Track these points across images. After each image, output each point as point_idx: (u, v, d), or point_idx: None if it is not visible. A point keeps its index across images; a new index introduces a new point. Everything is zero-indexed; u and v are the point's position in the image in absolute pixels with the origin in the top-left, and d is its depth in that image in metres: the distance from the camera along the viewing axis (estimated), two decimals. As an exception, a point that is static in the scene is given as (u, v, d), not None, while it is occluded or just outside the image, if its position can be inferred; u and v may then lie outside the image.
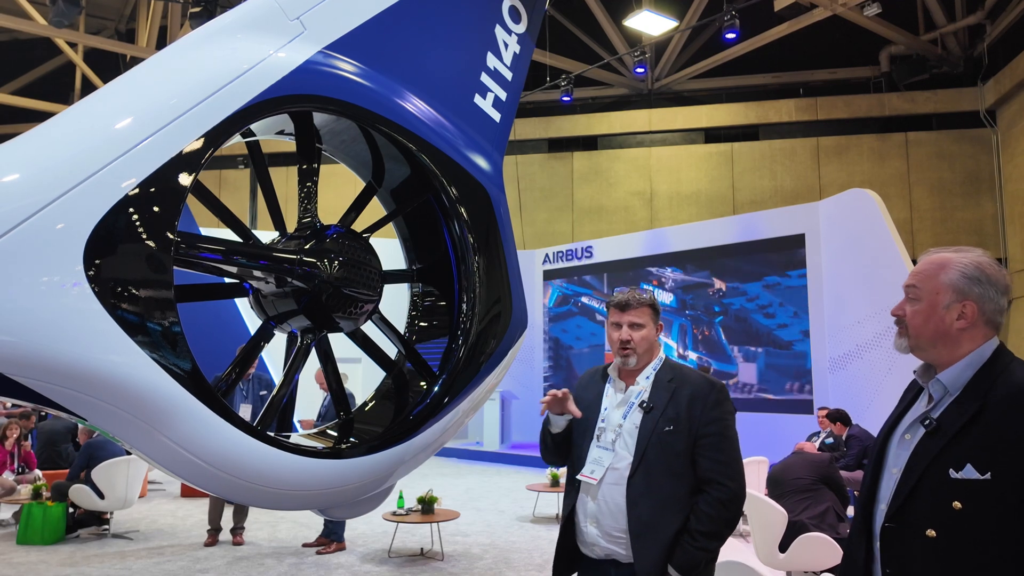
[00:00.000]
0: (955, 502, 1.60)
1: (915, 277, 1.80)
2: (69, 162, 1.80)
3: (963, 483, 1.60)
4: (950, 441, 1.64)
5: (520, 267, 3.00)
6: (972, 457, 1.60)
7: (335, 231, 2.50)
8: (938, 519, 1.62)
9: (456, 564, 6.52)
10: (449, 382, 2.64)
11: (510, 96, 3.10)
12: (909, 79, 16.56)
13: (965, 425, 1.63)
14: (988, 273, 1.73)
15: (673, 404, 2.44)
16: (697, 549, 2.33)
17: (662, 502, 2.38)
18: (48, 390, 1.75)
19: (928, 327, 1.75)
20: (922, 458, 1.68)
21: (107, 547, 7.16)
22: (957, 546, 1.60)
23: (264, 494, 2.15)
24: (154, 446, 1.94)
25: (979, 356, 1.71)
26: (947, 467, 1.62)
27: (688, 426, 2.40)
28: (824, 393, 11.09)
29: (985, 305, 1.73)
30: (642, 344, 2.55)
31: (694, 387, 2.47)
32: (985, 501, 1.57)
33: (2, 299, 1.65)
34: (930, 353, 1.77)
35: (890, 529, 1.70)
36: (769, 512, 4.96)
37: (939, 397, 1.73)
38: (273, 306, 2.43)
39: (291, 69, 2.22)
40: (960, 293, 1.73)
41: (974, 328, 1.73)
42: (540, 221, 18.53)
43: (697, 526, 2.34)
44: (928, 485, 1.65)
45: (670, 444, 2.40)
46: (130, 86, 2.05)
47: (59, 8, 12.07)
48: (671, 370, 2.55)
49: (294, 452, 2.15)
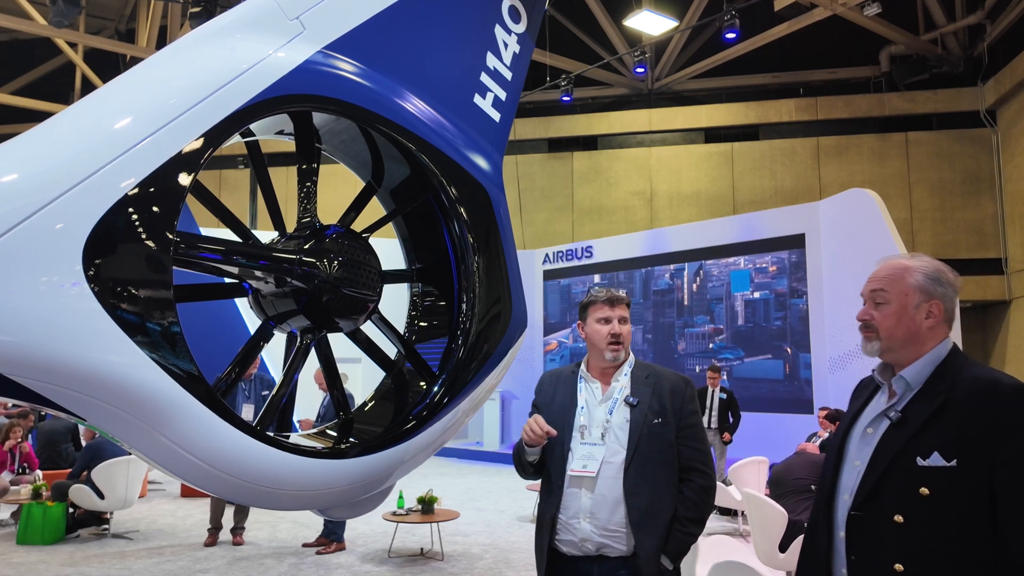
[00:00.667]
0: (922, 488, 1.71)
1: (882, 282, 1.92)
2: (68, 162, 1.80)
3: (930, 470, 1.71)
4: (917, 432, 1.75)
5: (520, 267, 3.00)
6: (939, 446, 1.71)
7: (335, 231, 2.49)
8: (906, 505, 1.73)
9: (456, 564, 6.52)
10: (449, 382, 2.64)
11: (510, 96, 3.09)
12: (909, 79, 16.55)
13: (931, 417, 1.75)
14: (946, 275, 1.89)
15: (656, 398, 2.56)
16: (686, 535, 2.47)
17: (658, 490, 2.47)
18: (47, 390, 1.75)
19: (900, 327, 1.87)
20: (889, 449, 1.79)
21: (107, 547, 7.16)
22: (924, 530, 1.71)
23: (264, 494, 2.15)
24: (153, 446, 1.94)
25: (938, 354, 1.84)
26: (914, 456, 1.73)
27: (673, 418, 2.54)
28: (824, 393, 11.09)
29: (947, 304, 1.87)
30: (628, 339, 2.67)
31: (671, 383, 2.61)
32: (951, 486, 1.69)
33: (1, 299, 1.65)
34: (899, 353, 1.89)
35: (857, 517, 1.81)
36: (769, 512, 4.96)
37: (901, 392, 1.85)
38: (273, 306, 2.42)
39: (290, 69, 2.22)
40: (927, 293, 1.86)
41: (939, 326, 1.86)
42: (540, 221, 18.52)
43: (685, 513, 2.47)
44: (895, 474, 1.76)
45: (661, 435, 2.51)
46: (129, 86, 2.05)
47: (59, 8, 12.07)
48: (644, 368, 2.67)
49: (294, 452, 2.15)
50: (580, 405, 2.60)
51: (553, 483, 2.57)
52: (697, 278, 13.31)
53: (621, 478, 2.46)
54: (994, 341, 16.13)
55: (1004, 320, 15.73)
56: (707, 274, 13.17)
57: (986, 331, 16.39)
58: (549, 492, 2.59)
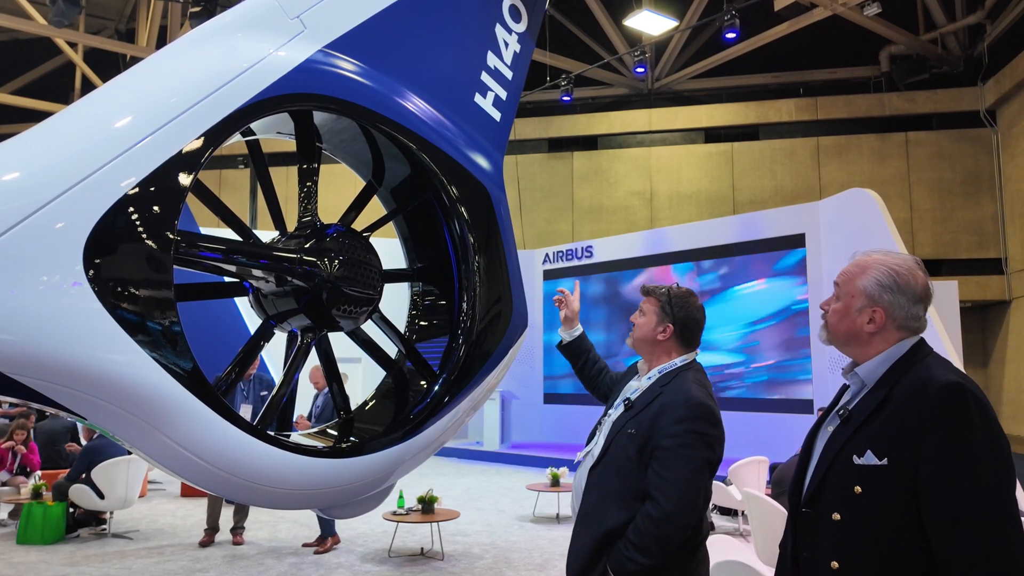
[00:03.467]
0: (856, 487, 1.69)
1: (841, 276, 1.92)
2: (69, 161, 1.80)
3: (863, 468, 1.70)
4: (857, 429, 1.74)
5: (520, 267, 2.99)
6: (872, 444, 1.70)
7: (335, 230, 2.49)
8: (842, 503, 1.72)
9: (456, 564, 6.52)
10: (449, 381, 2.64)
11: (510, 95, 3.09)
12: (909, 79, 16.57)
13: (871, 414, 1.73)
14: (901, 283, 1.81)
15: (648, 410, 2.38)
16: (625, 558, 2.24)
17: (605, 496, 2.36)
18: (49, 389, 1.75)
19: (841, 326, 1.87)
20: (833, 446, 1.78)
21: (107, 547, 7.16)
22: (856, 528, 1.69)
23: (264, 493, 2.14)
24: (154, 445, 1.94)
25: (895, 352, 1.80)
26: (852, 454, 1.72)
27: (647, 434, 2.32)
28: (824, 393, 11.09)
29: (895, 312, 1.80)
30: (638, 331, 2.55)
31: (671, 399, 2.35)
32: (882, 485, 1.67)
33: (2, 298, 1.65)
34: (844, 349, 1.89)
35: (805, 514, 1.81)
36: (769, 511, 4.96)
37: (857, 390, 1.85)
38: (273, 305, 2.42)
39: (291, 68, 2.22)
40: (871, 299, 1.82)
41: (884, 331, 1.82)
42: (540, 221, 18.54)
43: (629, 535, 2.27)
44: (836, 471, 1.75)
45: (625, 446, 2.36)
46: (130, 85, 2.05)
47: (59, 8, 12.07)
48: (672, 377, 2.44)
49: (294, 451, 2.15)
50: (619, 394, 2.61)
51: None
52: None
53: (587, 473, 2.47)
54: (994, 341, 16.14)
55: (1004, 320, 15.74)
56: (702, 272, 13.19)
57: (986, 331, 16.40)
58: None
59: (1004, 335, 15.77)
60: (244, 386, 7.01)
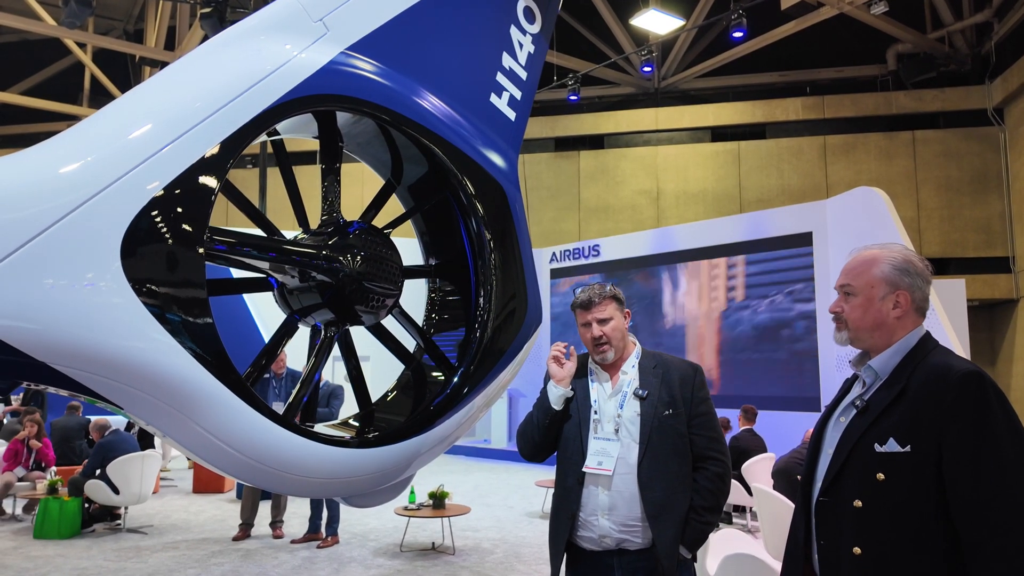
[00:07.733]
0: (879, 474, 1.76)
1: (847, 276, 1.97)
2: (108, 160, 1.88)
3: (886, 456, 1.76)
4: (876, 419, 1.80)
5: (534, 264, 3.05)
6: (894, 432, 1.76)
7: (358, 227, 2.56)
8: (864, 490, 1.78)
9: (467, 558, 6.59)
10: (465, 376, 2.70)
11: (525, 95, 3.16)
12: (916, 77, 16.55)
13: (890, 404, 1.80)
14: (915, 265, 1.91)
15: (665, 388, 2.55)
16: (703, 524, 2.48)
17: (672, 483, 2.49)
18: (89, 379, 1.82)
19: (867, 319, 1.91)
20: (852, 435, 1.84)
21: (122, 541, 7.25)
22: (880, 514, 1.75)
23: (291, 481, 2.21)
24: (187, 434, 2.01)
25: (906, 344, 1.88)
26: (873, 442, 1.79)
27: (684, 407, 2.54)
28: (831, 390, 11.10)
29: (915, 294, 1.89)
30: (615, 336, 2.63)
31: (680, 371, 2.60)
32: (905, 472, 1.73)
33: (49, 294, 1.72)
34: (869, 342, 1.93)
35: (823, 503, 1.87)
36: (777, 505, 5.01)
37: (871, 382, 1.90)
38: (298, 300, 2.49)
39: (315, 70, 2.28)
40: (892, 284, 1.89)
41: (907, 316, 1.89)
42: (547, 220, 18.57)
43: (701, 502, 2.49)
44: (856, 459, 1.81)
45: (672, 427, 2.52)
46: (161, 89, 2.12)
47: (71, 9, 12.18)
48: (652, 357, 2.66)
49: (321, 441, 2.22)
50: (593, 399, 2.63)
51: (569, 479, 2.60)
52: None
53: (635, 473, 2.48)
54: (1002, 340, 16.12)
55: (1012, 319, 15.72)
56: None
57: (994, 330, 16.38)
58: (566, 488, 2.61)
59: (1012, 333, 15.74)
60: (276, 384, 7.04)
